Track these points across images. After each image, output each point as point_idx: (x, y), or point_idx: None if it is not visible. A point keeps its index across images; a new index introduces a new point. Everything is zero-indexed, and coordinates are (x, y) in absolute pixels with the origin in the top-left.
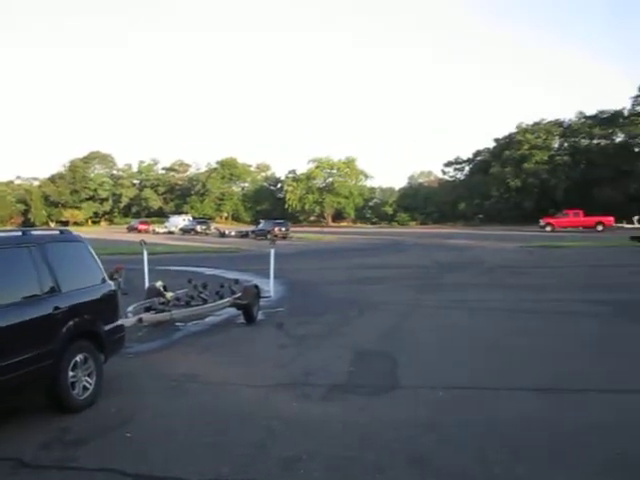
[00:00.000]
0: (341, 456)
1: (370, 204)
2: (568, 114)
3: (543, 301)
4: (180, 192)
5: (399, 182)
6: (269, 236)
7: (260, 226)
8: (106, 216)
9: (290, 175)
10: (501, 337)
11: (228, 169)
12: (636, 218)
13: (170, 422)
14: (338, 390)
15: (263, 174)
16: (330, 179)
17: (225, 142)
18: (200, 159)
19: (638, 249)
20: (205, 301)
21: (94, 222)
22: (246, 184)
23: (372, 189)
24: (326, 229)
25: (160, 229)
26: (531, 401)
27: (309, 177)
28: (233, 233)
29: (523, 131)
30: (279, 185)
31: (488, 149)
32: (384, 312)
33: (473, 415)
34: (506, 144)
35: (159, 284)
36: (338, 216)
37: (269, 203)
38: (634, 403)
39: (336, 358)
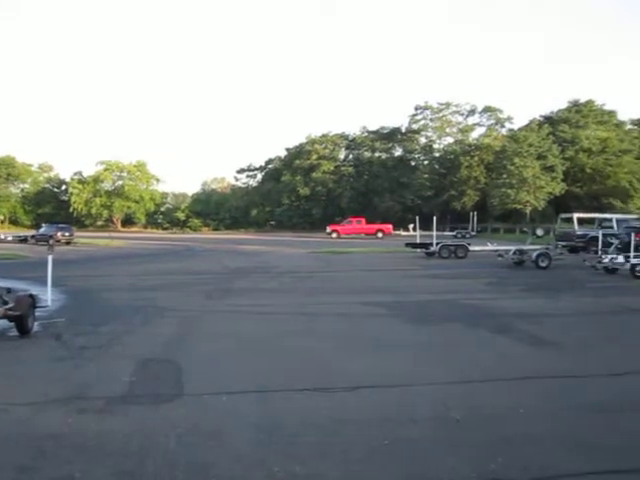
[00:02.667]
0: (119, 470)
1: (162, 209)
2: (353, 128)
3: (327, 304)
4: None
5: (192, 188)
6: (51, 241)
7: (41, 230)
8: None
9: (76, 177)
10: (285, 340)
11: (5, 168)
12: (411, 226)
13: None
14: (118, 402)
15: (45, 175)
16: (120, 182)
17: (1, 139)
18: None
19: (412, 255)
20: None
21: None
22: (26, 185)
23: (164, 194)
24: (115, 234)
25: None
26: (308, 401)
27: (97, 180)
28: (10, 238)
29: (312, 141)
30: (64, 187)
31: (280, 157)
32: (171, 319)
33: (255, 418)
34: (297, 153)
35: None
36: (128, 221)
37: (52, 206)
38: (399, 397)
39: (117, 369)
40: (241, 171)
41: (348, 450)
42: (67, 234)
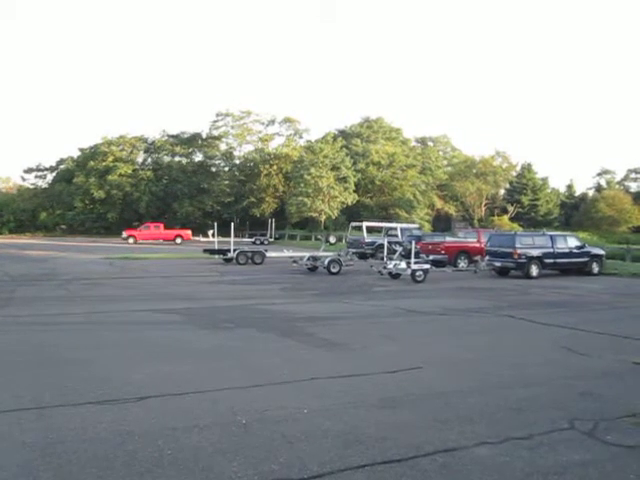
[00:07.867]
0: None
1: None
2: (152, 131)
3: (118, 312)
4: None
5: None
6: None
7: None
8: None
9: None
10: (69, 351)
11: None
12: (211, 232)
13: None
14: None
15: None
16: None
17: None
18: None
19: (210, 261)
20: None
21: None
22: None
23: None
24: None
25: None
26: (90, 415)
27: None
28: None
29: (108, 143)
30: None
31: (72, 158)
32: None
33: (29, 437)
34: (91, 154)
35: None
36: None
37: None
38: (187, 404)
39: None
40: (29, 171)
41: (130, 463)
42: None
